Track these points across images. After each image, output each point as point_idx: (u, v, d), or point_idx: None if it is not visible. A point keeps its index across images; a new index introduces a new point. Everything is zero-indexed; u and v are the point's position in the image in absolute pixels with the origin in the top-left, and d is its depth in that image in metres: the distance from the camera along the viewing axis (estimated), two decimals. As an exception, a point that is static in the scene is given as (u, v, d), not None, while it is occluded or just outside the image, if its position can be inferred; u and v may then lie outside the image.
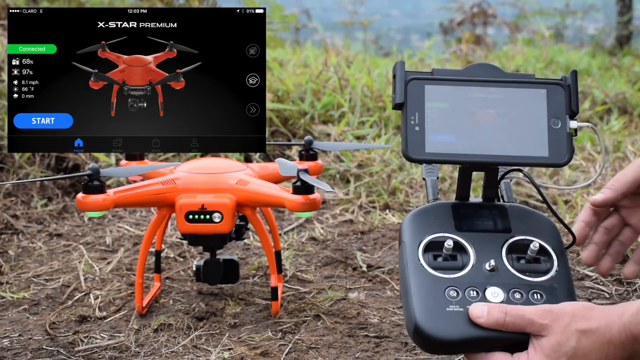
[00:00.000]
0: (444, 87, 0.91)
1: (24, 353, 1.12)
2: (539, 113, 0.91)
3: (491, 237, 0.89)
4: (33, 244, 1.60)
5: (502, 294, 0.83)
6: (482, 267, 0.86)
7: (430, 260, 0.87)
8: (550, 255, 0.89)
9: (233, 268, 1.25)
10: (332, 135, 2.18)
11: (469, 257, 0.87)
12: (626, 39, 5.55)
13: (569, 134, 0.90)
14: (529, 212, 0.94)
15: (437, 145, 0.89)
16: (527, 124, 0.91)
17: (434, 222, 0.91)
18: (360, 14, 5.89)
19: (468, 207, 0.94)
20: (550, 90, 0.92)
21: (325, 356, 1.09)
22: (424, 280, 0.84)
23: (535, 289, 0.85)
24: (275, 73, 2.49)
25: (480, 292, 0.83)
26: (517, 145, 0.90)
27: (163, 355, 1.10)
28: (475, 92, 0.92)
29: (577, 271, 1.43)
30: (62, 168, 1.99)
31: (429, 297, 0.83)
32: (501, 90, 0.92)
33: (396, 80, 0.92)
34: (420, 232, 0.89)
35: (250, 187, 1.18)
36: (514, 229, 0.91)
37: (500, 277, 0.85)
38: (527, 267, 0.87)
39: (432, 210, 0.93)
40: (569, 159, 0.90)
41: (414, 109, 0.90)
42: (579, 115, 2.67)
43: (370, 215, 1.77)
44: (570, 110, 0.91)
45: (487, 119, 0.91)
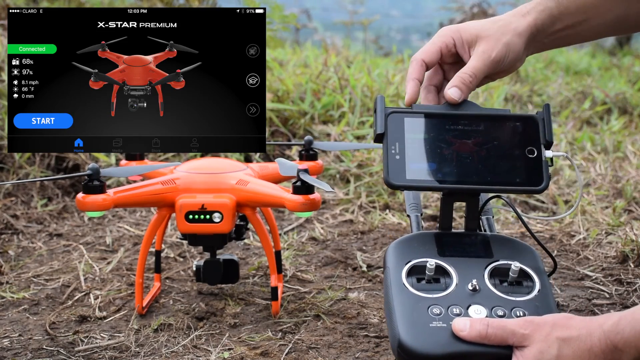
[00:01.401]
0: (422, 120, 0.95)
1: (24, 353, 1.12)
2: (515, 144, 0.94)
3: (473, 262, 0.91)
4: (33, 244, 1.60)
5: (485, 310, 0.84)
6: (465, 288, 0.87)
7: (413, 282, 0.88)
8: (532, 278, 0.89)
9: (233, 268, 1.25)
10: (332, 135, 2.18)
11: (452, 280, 0.88)
12: (626, 39, 5.55)
13: (544, 161, 0.93)
14: (510, 240, 0.95)
15: (417, 172, 0.92)
16: (504, 153, 0.93)
17: (417, 249, 0.92)
18: (360, 14, 5.89)
19: (450, 236, 0.96)
20: (525, 122, 0.95)
21: (325, 356, 1.09)
22: (407, 299, 0.86)
23: (517, 306, 0.85)
24: (275, 73, 2.49)
25: (463, 309, 0.84)
26: (495, 173, 0.92)
27: (163, 355, 1.10)
28: (453, 124, 0.95)
29: (577, 271, 1.43)
30: (62, 168, 1.99)
31: (413, 314, 0.84)
32: (478, 124, 0.95)
33: (377, 112, 0.95)
34: (404, 257, 0.91)
35: (250, 187, 1.18)
36: (496, 254, 0.92)
37: (483, 297, 0.86)
38: (509, 289, 0.88)
39: (415, 238, 0.95)
40: (546, 185, 0.92)
41: (394, 139, 0.93)
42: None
43: (370, 215, 1.77)
44: (545, 140, 0.94)
45: (466, 149, 0.93)
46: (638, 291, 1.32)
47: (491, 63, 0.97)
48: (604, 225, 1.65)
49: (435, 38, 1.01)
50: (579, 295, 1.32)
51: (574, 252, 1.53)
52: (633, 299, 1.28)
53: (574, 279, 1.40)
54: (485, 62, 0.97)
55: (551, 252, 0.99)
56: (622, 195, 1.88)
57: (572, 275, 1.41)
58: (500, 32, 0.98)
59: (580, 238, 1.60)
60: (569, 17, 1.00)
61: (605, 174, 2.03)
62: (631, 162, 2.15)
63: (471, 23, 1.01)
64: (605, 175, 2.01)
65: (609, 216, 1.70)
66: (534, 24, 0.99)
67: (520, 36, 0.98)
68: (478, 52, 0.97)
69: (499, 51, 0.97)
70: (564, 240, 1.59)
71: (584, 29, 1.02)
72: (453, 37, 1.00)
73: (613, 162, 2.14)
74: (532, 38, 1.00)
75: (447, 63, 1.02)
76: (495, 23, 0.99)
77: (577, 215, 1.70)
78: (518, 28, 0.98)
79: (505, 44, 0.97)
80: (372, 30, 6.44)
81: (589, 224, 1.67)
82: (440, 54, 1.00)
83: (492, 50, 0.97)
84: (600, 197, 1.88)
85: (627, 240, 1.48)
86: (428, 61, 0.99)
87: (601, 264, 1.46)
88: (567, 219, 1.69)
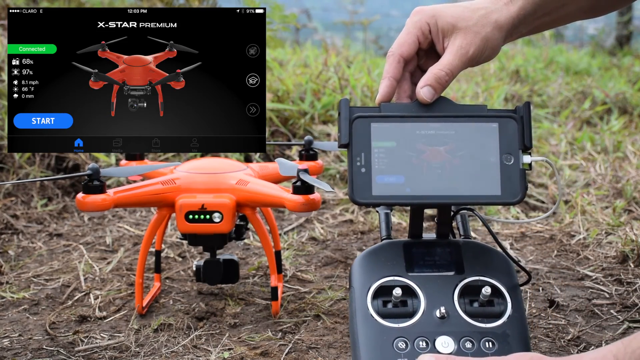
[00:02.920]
0: (391, 125, 0.88)
1: (24, 353, 1.12)
2: (490, 149, 0.88)
3: (443, 280, 0.87)
4: (33, 244, 1.60)
5: (453, 344, 0.82)
6: (433, 314, 0.84)
7: (379, 307, 0.85)
8: (504, 297, 0.86)
9: (233, 268, 1.25)
10: (332, 135, 2.18)
11: (419, 302, 0.85)
12: (626, 39, 5.55)
13: (521, 170, 0.87)
14: (482, 249, 0.91)
15: (384, 187, 0.87)
16: (478, 160, 0.88)
17: (384, 265, 0.88)
18: (360, 14, 5.89)
19: (420, 246, 0.91)
20: (502, 124, 0.88)
21: (325, 356, 1.09)
22: (372, 330, 0.83)
23: (487, 336, 0.82)
24: (275, 73, 2.49)
25: (430, 342, 0.82)
26: (468, 184, 0.87)
27: (163, 355, 1.10)
28: (424, 128, 0.88)
29: (577, 271, 1.43)
30: (62, 168, 1.99)
31: (377, 350, 0.81)
32: (451, 126, 0.88)
33: (341, 119, 0.89)
34: (370, 276, 0.87)
35: (250, 187, 1.18)
36: (467, 269, 0.88)
37: (451, 324, 0.83)
38: (479, 311, 0.85)
39: (383, 251, 0.90)
40: (522, 197, 0.87)
41: (359, 150, 0.87)
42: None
43: (370, 215, 1.77)
44: (524, 144, 0.88)
45: (437, 157, 0.88)
46: (638, 291, 1.32)
47: (468, 60, 0.90)
48: (604, 225, 1.65)
49: (410, 26, 0.93)
50: (579, 295, 1.32)
51: (574, 252, 1.53)
52: (633, 299, 1.28)
53: (574, 279, 1.40)
54: (462, 59, 0.90)
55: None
56: (622, 195, 1.88)
57: (572, 275, 1.42)
58: (480, 23, 0.90)
59: (580, 238, 1.60)
60: (550, 4, 0.94)
61: (605, 174, 2.03)
62: (631, 162, 2.15)
63: (448, 8, 0.92)
64: (605, 175, 2.01)
65: (609, 216, 1.70)
66: (517, 15, 0.92)
67: (501, 29, 0.91)
68: (455, 47, 0.90)
69: (477, 47, 0.90)
70: (564, 240, 1.59)
71: (561, 16, 0.96)
72: (428, 23, 0.92)
73: (613, 162, 2.14)
74: (513, 30, 0.93)
75: (423, 49, 0.95)
76: (474, 12, 0.91)
77: (577, 215, 1.70)
78: (500, 19, 0.91)
79: (483, 39, 0.90)
80: (372, 30, 6.44)
81: (589, 224, 1.67)
82: (418, 44, 0.93)
83: (469, 45, 0.90)
84: (600, 197, 1.88)
85: (627, 240, 1.48)
86: (406, 56, 0.92)
87: (601, 264, 1.46)
88: (567, 219, 1.69)
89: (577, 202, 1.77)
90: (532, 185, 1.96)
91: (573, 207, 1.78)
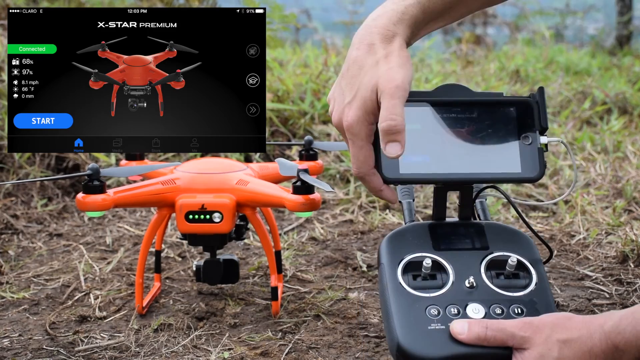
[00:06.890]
0: (415, 109, 0.92)
1: (24, 353, 1.12)
2: (509, 131, 0.93)
3: (469, 255, 0.91)
4: (33, 244, 1.60)
5: (483, 309, 0.84)
6: (462, 285, 0.87)
7: (409, 280, 0.88)
8: (529, 270, 0.89)
9: (233, 268, 1.25)
10: (332, 135, 2.18)
11: (448, 276, 0.88)
12: (626, 39, 5.55)
13: (540, 149, 0.92)
14: (505, 229, 0.95)
15: (411, 166, 0.91)
16: (498, 141, 0.92)
17: (412, 243, 0.92)
18: (360, 14, 5.88)
19: (445, 227, 0.95)
20: (519, 107, 0.93)
21: (325, 356, 1.09)
22: (405, 300, 0.85)
23: (515, 303, 0.86)
24: (275, 73, 2.49)
25: (461, 309, 0.84)
26: (490, 162, 0.91)
27: (163, 355, 1.10)
28: (446, 112, 0.93)
29: (577, 271, 1.43)
30: (62, 168, 1.99)
31: (410, 316, 0.84)
32: (472, 110, 0.93)
33: None
34: (398, 253, 0.90)
35: (250, 187, 1.18)
36: (492, 245, 0.92)
37: (480, 293, 0.86)
38: (506, 283, 0.88)
39: (409, 231, 0.94)
40: (541, 173, 0.91)
41: None
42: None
43: (370, 215, 1.77)
44: (540, 126, 0.92)
45: (459, 138, 0.92)
46: (638, 291, 1.32)
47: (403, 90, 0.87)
48: (604, 225, 1.65)
49: None
50: (579, 295, 1.32)
51: (574, 252, 1.53)
52: (633, 299, 1.28)
53: (574, 279, 1.40)
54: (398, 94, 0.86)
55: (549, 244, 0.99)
56: (622, 195, 1.88)
57: (572, 275, 1.41)
58: None
59: (580, 238, 1.60)
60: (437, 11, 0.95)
61: (605, 174, 2.03)
62: (631, 162, 2.15)
63: None
64: (605, 175, 2.01)
65: (609, 216, 1.70)
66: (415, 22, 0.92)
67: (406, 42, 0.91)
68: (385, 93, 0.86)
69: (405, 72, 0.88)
70: (564, 240, 1.59)
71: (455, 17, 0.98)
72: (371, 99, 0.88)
73: (613, 162, 2.14)
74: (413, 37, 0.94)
75: None
76: None
77: (577, 215, 1.70)
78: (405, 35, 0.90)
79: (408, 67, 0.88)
80: (372, 30, 6.41)
81: (589, 224, 1.67)
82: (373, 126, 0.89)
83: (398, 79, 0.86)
84: (600, 197, 1.88)
85: (627, 240, 1.48)
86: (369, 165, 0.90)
87: (601, 264, 1.46)
88: (567, 219, 1.69)
89: (577, 202, 1.77)
90: (532, 186, 1.96)
91: (573, 207, 1.78)
